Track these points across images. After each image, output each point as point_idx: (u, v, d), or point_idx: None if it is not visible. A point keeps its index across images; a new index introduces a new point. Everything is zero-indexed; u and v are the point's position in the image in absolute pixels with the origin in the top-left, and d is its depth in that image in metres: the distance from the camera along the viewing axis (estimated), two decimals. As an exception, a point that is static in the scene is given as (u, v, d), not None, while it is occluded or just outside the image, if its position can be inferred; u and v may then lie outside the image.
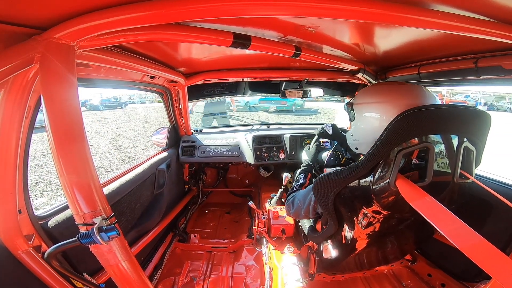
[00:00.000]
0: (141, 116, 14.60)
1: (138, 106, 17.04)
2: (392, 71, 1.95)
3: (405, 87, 1.09)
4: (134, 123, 11.86)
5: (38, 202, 4.50)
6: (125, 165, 6.45)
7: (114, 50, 1.17)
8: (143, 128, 11.10)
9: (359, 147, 1.23)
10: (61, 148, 0.64)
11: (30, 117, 0.93)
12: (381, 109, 1.09)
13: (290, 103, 14.29)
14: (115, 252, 0.70)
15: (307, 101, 16.54)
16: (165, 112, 2.54)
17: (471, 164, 1.06)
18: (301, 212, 1.39)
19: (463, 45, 1.20)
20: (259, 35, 1.14)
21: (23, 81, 0.77)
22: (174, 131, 2.65)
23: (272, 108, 14.57)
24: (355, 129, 1.24)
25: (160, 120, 12.36)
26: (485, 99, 19.31)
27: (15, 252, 0.88)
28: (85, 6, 0.68)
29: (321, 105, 18.46)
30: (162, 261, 2.08)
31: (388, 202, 1.01)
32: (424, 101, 1.03)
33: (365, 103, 1.17)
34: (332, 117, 13.74)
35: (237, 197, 3.28)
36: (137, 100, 22.43)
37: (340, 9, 0.68)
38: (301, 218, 1.55)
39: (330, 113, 14.92)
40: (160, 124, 9.28)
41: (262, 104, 14.26)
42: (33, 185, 5.06)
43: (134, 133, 10.01)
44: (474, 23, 0.76)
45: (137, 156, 7.16)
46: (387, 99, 1.08)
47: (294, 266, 1.56)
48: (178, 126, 2.69)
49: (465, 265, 1.54)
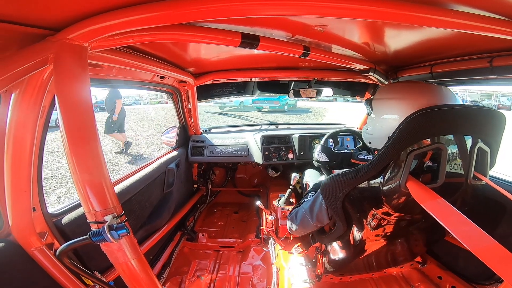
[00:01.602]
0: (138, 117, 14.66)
1: (132, 108, 17.32)
2: (404, 70, 1.91)
3: (424, 86, 1.07)
4: (132, 123, 11.97)
5: (59, 191, 4.73)
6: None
7: (125, 50, 1.18)
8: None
9: (373, 142, 1.22)
10: (74, 147, 0.66)
11: (44, 116, 0.95)
12: (396, 105, 1.08)
13: (282, 102, 14.65)
14: (125, 250, 0.71)
15: (299, 101, 16.97)
16: (175, 111, 2.57)
17: (485, 166, 1.03)
18: (310, 222, 1.34)
19: (477, 44, 1.17)
20: (267, 35, 1.14)
21: (38, 81, 0.79)
22: (183, 130, 2.67)
23: (265, 108, 14.95)
24: (370, 123, 1.24)
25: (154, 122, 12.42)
26: (471, 97, 18.85)
27: (28, 249, 0.90)
28: (96, 7, 0.70)
29: (312, 104, 18.88)
30: (170, 260, 2.09)
31: (399, 204, 1.00)
32: (443, 101, 1.00)
33: (383, 98, 1.16)
34: (323, 115, 14.11)
35: (245, 197, 3.29)
36: (131, 101, 22.58)
37: (350, 8, 0.68)
38: (309, 230, 1.45)
39: (320, 111, 15.36)
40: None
41: (256, 104, 14.66)
42: (49, 178, 5.25)
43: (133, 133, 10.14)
44: (489, 22, 0.74)
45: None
46: (404, 96, 1.07)
47: (301, 266, 1.55)
48: (188, 126, 2.71)
49: (476, 268, 1.50)
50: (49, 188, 4.80)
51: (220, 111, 13.19)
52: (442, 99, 1.01)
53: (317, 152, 1.89)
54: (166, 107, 17.60)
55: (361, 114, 2.80)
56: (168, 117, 13.04)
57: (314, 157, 1.93)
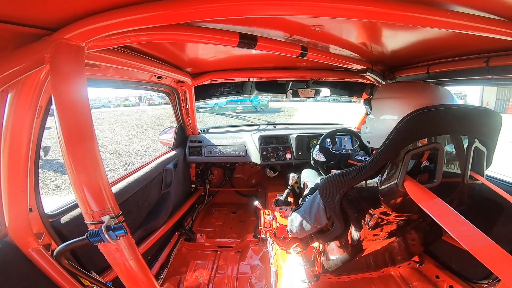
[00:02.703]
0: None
1: (102, 111, 17.46)
2: (401, 70, 1.92)
3: (422, 86, 1.08)
4: (107, 125, 12.02)
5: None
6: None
7: (122, 50, 1.18)
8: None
9: (371, 141, 1.23)
10: (71, 148, 0.65)
11: (41, 117, 0.95)
12: (394, 105, 1.09)
13: (255, 103, 15.95)
14: (123, 251, 0.71)
15: (271, 101, 18.74)
16: (172, 111, 2.56)
17: (482, 165, 1.04)
18: (309, 222, 1.35)
19: (474, 44, 1.18)
20: (265, 35, 1.14)
21: (34, 81, 0.78)
22: (181, 130, 2.67)
23: (239, 108, 15.84)
24: (369, 123, 1.24)
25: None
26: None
27: (25, 250, 0.90)
28: (93, 7, 0.69)
29: (283, 104, 20.06)
30: (168, 260, 2.09)
31: (396, 204, 1.00)
32: (440, 101, 1.01)
33: (381, 98, 1.17)
34: (292, 114, 15.27)
35: (243, 197, 3.29)
36: (100, 104, 22.57)
37: (347, 9, 0.68)
38: (309, 231, 1.44)
39: (290, 111, 16.62)
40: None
41: (229, 105, 15.56)
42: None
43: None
44: (485, 22, 0.75)
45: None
46: (401, 96, 1.07)
47: (299, 266, 1.55)
48: (185, 126, 2.71)
49: (474, 267, 1.51)
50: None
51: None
52: (440, 99, 1.02)
53: (315, 152, 1.89)
54: (138, 109, 18.38)
55: (329, 114, 2.85)
56: (143, 119, 13.43)
57: (312, 156, 1.94)
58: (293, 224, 1.47)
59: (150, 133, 9.83)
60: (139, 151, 7.65)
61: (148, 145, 8.18)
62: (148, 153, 7.40)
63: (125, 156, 7.07)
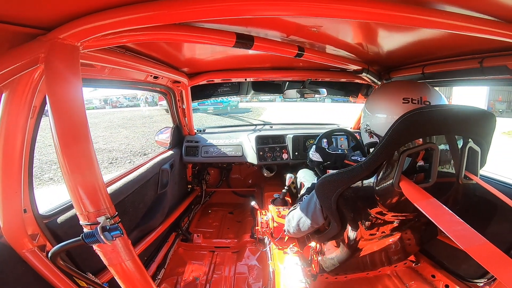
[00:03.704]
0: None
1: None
2: (396, 71, 1.93)
3: (409, 85, 1.09)
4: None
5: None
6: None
7: (118, 50, 1.17)
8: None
9: (376, 130, 1.20)
10: (66, 148, 0.65)
11: (35, 117, 0.94)
12: (389, 106, 1.10)
13: (225, 104, 16.72)
14: (119, 252, 0.70)
15: (241, 102, 20.07)
16: (169, 111, 2.56)
17: (476, 165, 1.05)
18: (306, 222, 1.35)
19: (468, 45, 1.19)
20: (262, 35, 1.14)
21: (29, 81, 0.77)
22: (177, 131, 2.66)
23: (210, 109, 16.39)
24: (366, 121, 1.24)
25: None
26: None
27: (20, 251, 0.89)
28: (89, 7, 0.69)
29: (253, 104, 21.18)
30: (165, 261, 2.08)
31: (392, 203, 1.01)
32: (428, 98, 1.03)
33: (376, 99, 1.18)
34: (261, 113, 16.51)
35: (240, 197, 3.28)
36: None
37: (343, 9, 0.68)
38: (306, 231, 1.43)
39: (259, 110, 17.92)
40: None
41: (201, 106, 16.01)
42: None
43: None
44: (479, 23, 0.76)
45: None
46: (394, 97, 1.09)
47: (296, 266, 1.55)
48: (182, 126, 2.70)
49: (469, 266, 1.53)
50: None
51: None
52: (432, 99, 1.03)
53: (311, 152, 1.90)
54: (105, 112, 18.70)
55: (298, 113, 2.88)
56: (114, 121, 13.65)
57: (308, 157, 1.94)
58: (290, 224, 1.47)
59: (125, 134, 10.33)
60: (118, 148, 8.25)
61: (126, 143, 8.82)
62: (128, 150, 8.04)
63: (106, 153, 7.58)
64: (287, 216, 1.55)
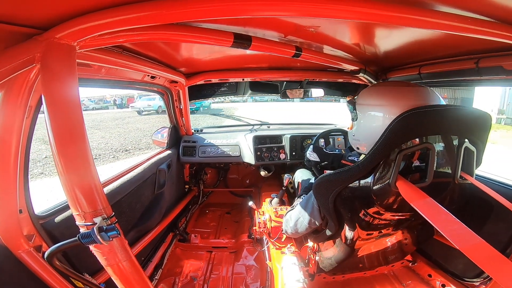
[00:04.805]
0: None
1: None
2: (393, 71, 1.94)
3: (408, 88, 1.07)
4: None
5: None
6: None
7: (115, 50, 1.17)
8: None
9: (360, 147, 1.23)
10: (62, 148, 0.64)
11: (31, 117, 0.93)
12: (384, 111, 1.07)
13: (197, 104, 18.28)
14: (116, 252, 0.70)
15: (213, 103, 21.46)
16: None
17: (472, 165, 1.05)
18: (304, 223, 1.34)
19: (464, 45, 1.20)
20: (259, 35, 1.14)
21: (24, 81, 0.77)
22: (174, 131, 2.65)
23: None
24: (357, 129, 1.23)
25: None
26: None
27: (16, 252, 0.88)
28: (86, 6, 0.68)
29: (225, 105, 22.38)
30: (162, 261, 2.07)
31: (389, 203, 1.01)
32: (427, 101, 1.01)
33: (368, 104, 1.15)
34: (232, 113, 17.33)
35: (238, 197, 3.28)
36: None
37: (341, 10, 0.68)
38: (303, 232, 1.43)
39: (230, 110, 18.91)
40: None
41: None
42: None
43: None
44: (475, 23, 0.76)
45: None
46: (389, 101, 1.05)
47: (294, 266, 1.55)
48: (179, 126, 2.69)
49: (466, 266, 1.54)
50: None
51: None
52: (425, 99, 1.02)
53: (309, 152, 1.90)
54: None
55: (270, 113, 2.90)
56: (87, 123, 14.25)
57: (305, 157, 1.94)
58: (288, 224, 1.47)
59: (100, 134, 10.88)
60: (98, 146, 8.87)
61: (105, 142, 9.53)
62: (108, 147, 8.76)
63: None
64: (285, 217, 1.55)
